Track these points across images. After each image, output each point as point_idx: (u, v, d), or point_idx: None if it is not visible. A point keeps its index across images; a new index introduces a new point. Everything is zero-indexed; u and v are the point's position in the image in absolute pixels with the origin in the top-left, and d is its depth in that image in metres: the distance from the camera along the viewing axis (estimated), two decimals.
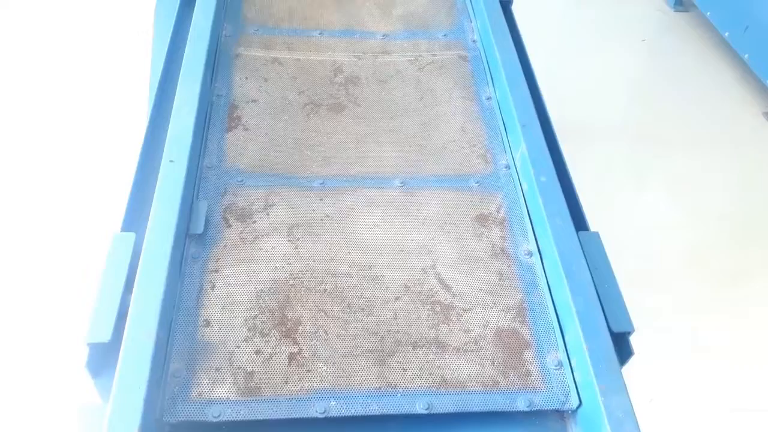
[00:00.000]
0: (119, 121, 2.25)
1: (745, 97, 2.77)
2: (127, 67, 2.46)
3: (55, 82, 2.49)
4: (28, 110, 2.36)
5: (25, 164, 2.16)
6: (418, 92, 1.29)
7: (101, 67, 2.55)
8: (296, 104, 1.24)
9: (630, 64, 3.00)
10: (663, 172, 2.40)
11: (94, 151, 2.19)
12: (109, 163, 2.10)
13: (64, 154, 2.19)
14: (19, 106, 2.38)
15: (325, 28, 1.41)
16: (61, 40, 2.70)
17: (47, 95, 2.43)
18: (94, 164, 2.14)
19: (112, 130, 2.24)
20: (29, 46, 2.66)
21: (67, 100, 2.41)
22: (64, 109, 2.37)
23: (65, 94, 2.43)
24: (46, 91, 2.44)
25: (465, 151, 1.18)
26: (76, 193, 2.06)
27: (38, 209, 2.02)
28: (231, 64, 1.28)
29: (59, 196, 2.05)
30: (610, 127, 2.57)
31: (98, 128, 2.27)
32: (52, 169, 2.14)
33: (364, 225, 1.03)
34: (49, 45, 2.66)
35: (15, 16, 2.81)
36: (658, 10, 3.32)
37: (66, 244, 1.91)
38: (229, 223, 1.01)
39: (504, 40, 1.30)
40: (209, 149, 1.11)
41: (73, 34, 2.73)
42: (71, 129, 2.28)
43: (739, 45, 2.80)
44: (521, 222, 1.05)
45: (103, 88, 2.45)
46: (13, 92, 2.43)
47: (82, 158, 2.17)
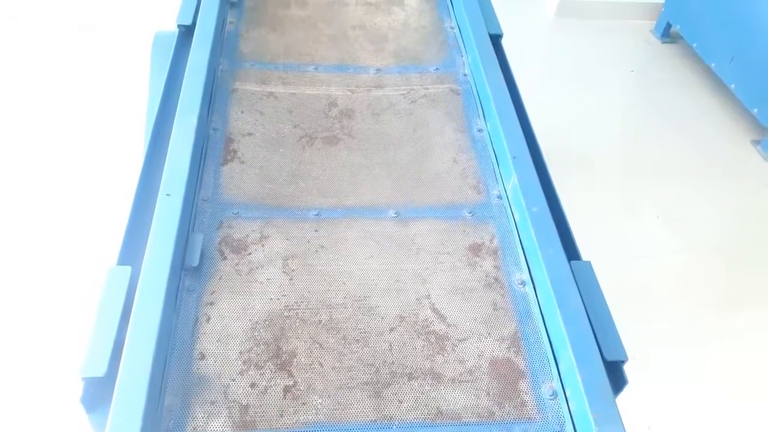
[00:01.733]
0: (115, 156, 2.27)
1: (732, 126, 2.82)
2: (124, 100, 2.49)
3: (53, 114, 2.51)
4: (25, 141, 2.38)
5: (20, 197, 2.17)
6: (411, 125, 1.32)
7: (99, 100, 2.58)
8: (291, 137, 1.26)
9: (619, 95, 3.05)
10: (653, 200, 2.42)
11: (90, 185, 2.20)
12: (105, 197, 2.11)
13: (60, 189, 2.20)
14: (16, 137, 2.39)
15: (319, 63, 1.44)
16: (59, 71, 2.73)
17: (45, 127, 2.45)
18: (91, 198, 2.14)
19: (109, 164, 2.26)
20: (25, 77, 2.70)
21: (64, 133, 2.43)
22: (61, 142, 2.39)
23: (62, 128, 2.46)
24: (43, 123, 2.46)
25: (458, 181, 1.20)
26: (72, 227, 2.06)
27: (34, 243, 2.02)
28: (227, 99, 1.31)
29: (55, 230, 2.06)
30: (601, 156, 2.60)
31: (95, 163, 2.29)
32: (49, 202, 2.15)
33: (359, 255, 1.04)
34: (46, 77, 2.70)
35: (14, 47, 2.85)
36: (645, 41, 3.41)
37: (61, 278, 1.90)
38: (225, 255, 1.01)
39: (494, 74, 1.33)
40: (205, 182, 1.12)
41: (72, 65, 2.77)
42: (68, 163, 2.29)
43: (725, 75, 2.86)
44: (514, 252, 1.06)
45: (100, 122, 2.47)
46: (11, 124, 2.46)
47: (79, 193, 2.18)
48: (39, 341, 1.75)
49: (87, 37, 2.97)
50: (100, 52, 2.87)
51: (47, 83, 2.67)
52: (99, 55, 2.85)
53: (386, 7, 1.64)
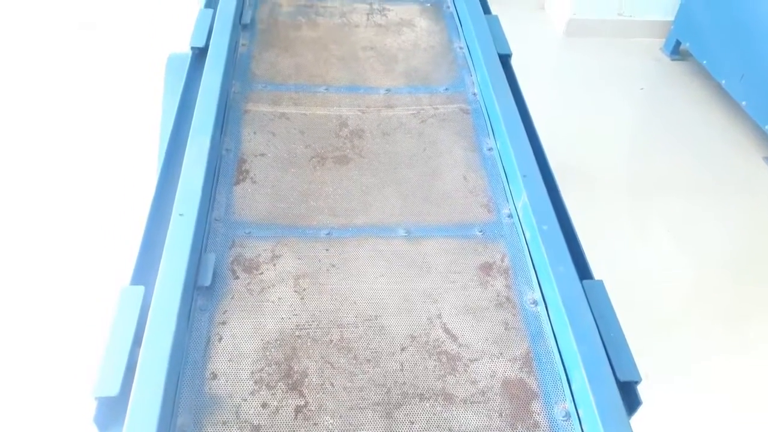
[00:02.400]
0: (128, 178, 2.30)
1: (744, 143, 2.81)
2: (138, 123, 2.53)
3: (66, 135, 2.55)
4: (38, 162, 2.42)
5: (33, 217, 2.19)
6: (421, 144, 1.32)
7: (112, 123, 2.62)
8: (303, 157, 1.27)
9: (629, 112, 3.05)
10: (664, 217, 2.41)
11: (104, 207, 2.22)
12: (119, 217, 2.14)
13: (74, 210, 2.22)
14: (28, 157, 2.43)
15: (330, 84, 1.46)
16: (72, 93, 2.78)
17: (58, 148, 2.49)
18: (105, 219, 2.17)
19: (122, 186, 2.28)
20: (38, 97, 2.74)
21: (78, 154, 2.46)
22: (74, 164, 2.42)
23: (76, 149, 2.49)
24: (56, 144, 2.50)
25: (468, 200, 1.20)
26: (85, 246, 2.08)
27: (47, 262, 2.04)
28: (240, 120, 1.33)
29: (68, 249, 2.08)
30: (611, 174, 2.60)
31: (108, 185, 2.31)
32: (62, 223, 2.17)
33: (370, 274, 1.05)
34: (60, 100, 2.75)
35: (20, 67, 2.91)
36: (655, 59, 3.41)
37: (75, 297, 1.92)
38: (237, 274, 1.02)
39: (503, 93, 1.34)
40: (218, 202, 1.13)
41: (84, 87, 2.82)
42: (81, 185, 2.32)
43: (736, 92, 2.86)
44: (525, 271, 1.06)
45: (114, 145, 2.51)
46: (24, 142, 2.50)
47: (93, 214, 2.20)
48: (52, 360, 1.76)
49: (90, 39, 3.02)
50: (113, 71, 2.92)
51: (61, 106, 2.72)
52: (115, 71, 2.90)
53: (396, 29, 1.66)
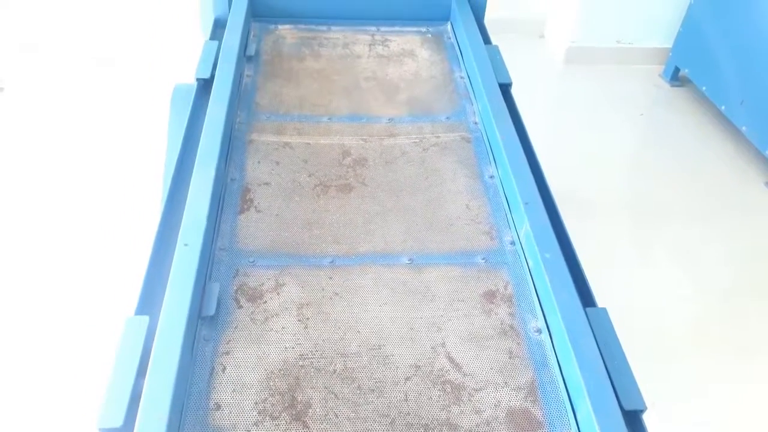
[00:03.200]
0: (133, 208, 2.31)
1: (744, 168, 2.82)
2: (143, 152, 2.56)
3: (72, 165, 2.58)
4: (44, 191, 2.44)
5: (38, 245, 2.20)
6: (423, 172, 1.34)
7: (118, 152, 2.65)
8: (306, 186, 1.28)
9: (630, 138, 3.07)
10: (667, 244, 2.41)
11: (109, 236, 2.23)
12: (124, 247, 2.15)
13: (79, 239, 2.23)
14: (34, 185, 2.45)
15: (333, 113, 1.48)
16: (78, 124, 2.82)
17: (63, 178, 2.51)
18: (110, 249, 2.18)
19: (127, 216, 2.30)
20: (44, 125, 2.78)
21: (83, 185, 2.49)
22: (80, 194, 2.44)
23: (81, 179, 2.51)
24: (62, 174, 2.53)
25: (470, 227, 1.21)
26: (91, 276, 2.09)
27: (52, 293, 2.04)
28: (244, 150, 1.34)
29: (73, 279, 2.08)
30: (613, 200, 2.60)
31: (113, 215, 2.33)
32: (67, 251, 2.18)
33: (373, 303, 1.05)
34: (64, 127, 2.78)
35: (23, 97, 2.95)
36: (654, 85, 3.45)
37: (79, 327, 1.92)
38: (240, 303, 1.02)
39: (504, 122, 1.36)
40: (222, 231, 1.14)
41: (88, 118, 2.86)
42: (87, 214, 2.33)
43: (735, 118, 2.88)
44: (529, 298, 1.06)
45: (118, 175, 2.53)
46: (31, 169, 2.52)
47: (98, 243, 2.21)
48: (57, 391, 1.75)
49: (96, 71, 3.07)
50: (120, 101, 2.96)
51: (67, 135, 2.76)
52: (121, 102, 2.95)
53: (398, 59, 1.69)
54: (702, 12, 3.16)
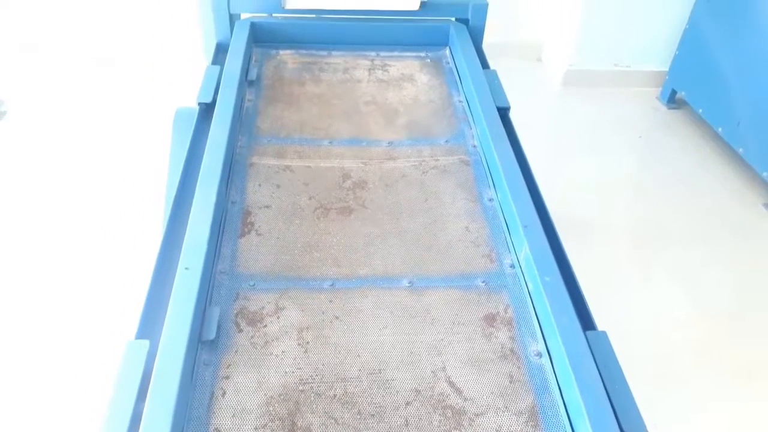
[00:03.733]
0: (133, 232, 2.32)
1: (743, 190, 2.83)
2: (144, 176, 2.57)
3: (71, 190, 2.59)
4: (41, 215, 2.45)
5: (38, 266, 2.21)
6: (422, 195, 1.35)
7: (119, 177, 2.67)
8: (307, 208, 1.29)
9: (628, 160, 3.09)
10: (667, 267, 2.41)
11: (109, 260, 2.24)
12: (125, 270, 2.15)
13: (79, 261, 2.23)
14: (33, 206, 2.46)
15: (334, 137, 1.50)
16: (78, 148, 2.84)
17: (62, 201, 2.52)
18: (110, 272, 2.18)
19: (127, 240, 2.30)
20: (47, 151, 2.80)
21: (83, 208, 2.49)
22: (80, 215, 2.45)
23: (81, 203, 2.52)
24: (61, 197, 2.54)
25: (470, 250, 1.21)
26: (92, 300, 2.09)
27: (52, 315, 2.04)
28: (245, 173, 1.35)
29: (74, 302, 2.08)
30: (612, 223, 2.61)
31: (113, 239, 2.33)
32: (67, 274, 2.18)
33: (374, 326, 1.05)
34: (65, 150, 2.80)
35: (24, 122, 2.98)
36: (652, 107, 3.48)
37: (80, 351, 1.91)
38: (240, 327, 1.02)
39: (503, 145, 1.37)
40: (223, 255, 1.15)
41: (91, 138, 2.88)
42: (87, 237, 2.34)
43: (733, 139, 2.90)
44: (529, 322, 1.06)
45: (119, 198, 2.54)
46: (30, 192, 2.53)
47: (98, 266, 2.21)
48: (56, 415, 1.74)
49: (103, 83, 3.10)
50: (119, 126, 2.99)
51: (66, 158, 2.77)
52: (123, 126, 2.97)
53: (397, 83, 1.71)
54: (698, 35, 3.20)
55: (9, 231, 2.35)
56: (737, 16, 2.89)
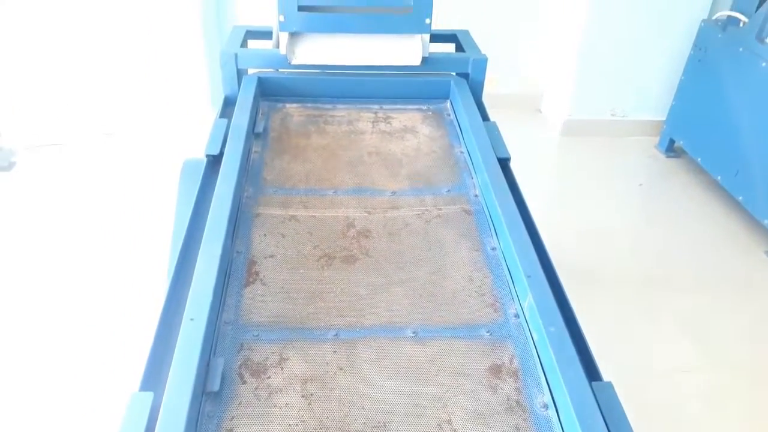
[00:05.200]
0: (139, 282, 2.32)
1: (744, 237, 2.84)
2: (151, 226, 2.60)
3: (79, 238, 2.61)
4: (48, 265, 2.46)
5: (42, 319, 2.20)
6: (426, 244, 1.36)
7: (126, 225, 2.69)
8: (311, 258, 1.30)
9: (629, 209, 3.12)
10: (671, 316, 2.39)
11: (115, 311, 2.23)
12: (130, 322, 2.14)
13: (84, 312, 2.23)
14: (39, 257, 2.48)
15: (338, 187, 1.52)
16: (85, 197, 2.87)
17: (70, 251, 2.54)
18: (115, 324, 2.17)
19: (133, 291, 2.30)
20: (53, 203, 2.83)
21: (90, 257, 2.51)
22: (86, 266, 2.46)
23: (88, 251, 2.54)
24: (68, 247, 2.55)
25: (474, 300, 1.21)
26: (97, 351, 2.07)
27: (57, 367, 2.02)
28: (251, 223, 1.37)
29: (79, 354, 2.07)
30: (615, 272, 2.61)
31: (119, 289, 2.34)
32: (71, 326, 2.18)
33: (378, 377, 1.04)
34: (72, 200, 2.83)
35: (25, 179, 3.02)
36: (651, 156, 3.53)
37: (85, 403, 1.89)
38: (244, 379, 1.02)
39: (504, 195, 1.39)
40: (227, 305, 1.15)
41: (99, 191, 2.92)
42: (93, 288, 2.34)
43: (732, 188, 2.93)
44: (534, 373, 1.05)
45: (126, 248, 2.56)
46: (35, 242, 2.55)
47: (104, 317, 2.21)
48: None
49: (109, 146, 3.15)
50: (130, 175, 3.03)
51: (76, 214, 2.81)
52: (131, 175, 3.02)
53: (400, 135, 1.75)
54: (692, 86, 3.28)
55: (15, 282, 2.36)
56: (729, 67, 2.97)
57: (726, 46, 2.99)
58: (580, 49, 3.48)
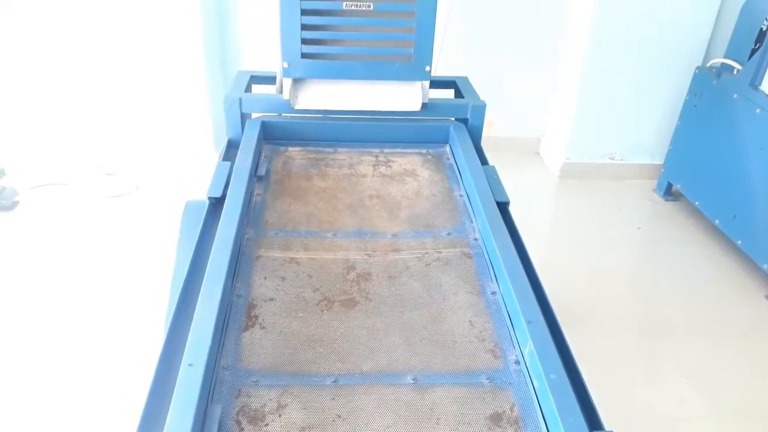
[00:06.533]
0: (136, 327, 2.31)
1: (744, 281, 2.84)
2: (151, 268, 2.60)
3: (77, 283, 2.61)
4: (48, 308, 2.45)
5: (41, 364, 2.18)
6: (425, 287, 1.36)
7: (124, 268, 2.69)
8: (311, 301, 1.30)
9: (629, 253, 3.12)
10: (672, 362, 2.37)
11: (112, 355, 2.21)
12: (127, 367, 2.12)
13: (81, 361, 2.20)
14: (39, 299, 2.46)
15: (339, 229, 1.53)
16: (86, 238, 2.88)
17: (68, 293, 2.53)
18: (112, 368, 2.15)
19: (131, 335, 2.28)
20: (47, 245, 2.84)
21: (88, 303, 2.50)
22: (83, 311, 2.45)
23: (86, 295, 2.53)
24: (67, 289, 2.55)
25: (475, 345, 1.21)
26: (94, 397, 2.05)
27: (54, 413, 1.99)
28: (251, 266, 1.38)
29: (76, 400, 2.04)
30: (616, 316, 2.60)
31: (117, 333, 2.32)
32: (68, 370, 2.15)
33: (377, 426, 1.03)
34: (73, 241, 2.84)
35: (24, 219, 3.04)
36: (649, 199, 3.55)
37: None
38: (242, 426, 1.00)
39: (503, 240, 1.40)
40: (226, 350, 1.14)
41: (99, 230, 2.93)
42: (89, 336, 2.32)
43: (730, 232, 2.94)
44: (535, 421, 1.04)
45: (126, 289, 2.55)
46: (35, 282, 2.54)
47: (101, 362, 2.19)
48: None
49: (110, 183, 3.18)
50: (131, 216, 3.05)
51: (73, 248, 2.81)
52: (132, 217, 3.03)
53: (400, 178, 1.77)
54: (689, 131, 3.33)
55: (15, 320, 2.34)
56: (724, 113, 3.03)
57: (720, 92, 3.05)
58: (577, 93, 3.55)
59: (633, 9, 3.30)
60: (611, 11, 3.31)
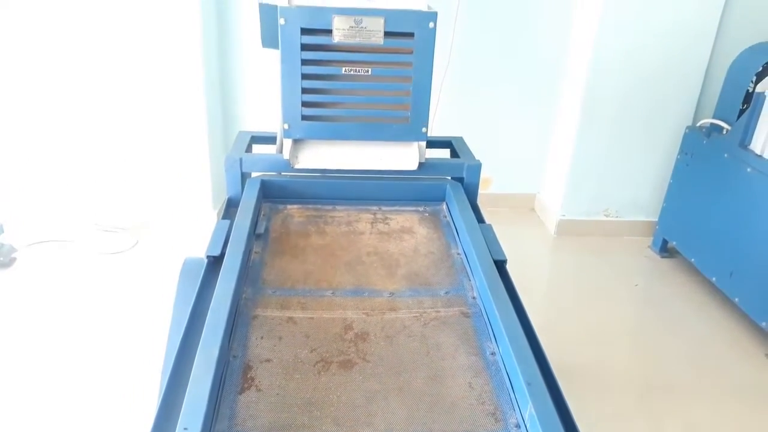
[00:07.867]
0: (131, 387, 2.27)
1: (743, 339, 2.81)
2: (148, 325, 2.57)
3: (71, 342, 2.57)
4: (43, 369, 2.40)
5: (35, 426, 2.12)
6: (424, 347, 1.35)
7: (123, 323, 2.67)
8: (308, 362, 1.28)
9: (626, 310, 3.10)
10: (674, 422, 2.32)
11: (109, 420, 2.16)
12: None
13: (77, 423, 2.15)
14: (34, 365, 2.42)
15: (336, 288, 1.53)
16: (82, 297, 2.86)
17: (62, 353, 2.49)
18: None
19: (125, 397, 2.24)
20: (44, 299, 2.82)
21: (82, 363, 2.46)
22: (77, 372, 2.41)
23: (80, 356, 2.49)
24: (61, 347, 2.51)
25: (474, 408, 1.19)
26: None
27: None
28: (248, 325, 1.37)
29: None
30: (615, 377, 2.56)
31: (111, 394, 2.28)
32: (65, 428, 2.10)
33: None
34: (69, 297, 2.82)
35: (21, 275, 3.02)
36: (645, 256, 3.57)
37: None
38: None
39: (501, 299, 1.40)
40: (221, 413, 1.12)
41: (96, 289, 2.91)
42: (82, 399, 2.27)
43: (727, 289, 2.94)
44: None
45: (123, 346, 2.52)
46: (33, 353, 2.50)
47: (97, 429, 2.14)
48: None
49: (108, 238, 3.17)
50: (129, 273, 3.04)
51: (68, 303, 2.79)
52: (129, 274, 3.02)
53: (398, 236, 1.79)
54: (682, 188, 3.39)
55: (13, 378, 2.30)
56: (715, 172, 3.08)
57: (711, 151, 3.12)
58: (572, 150, 3.62)
59: (625, 68, 3.41)
60: (604, 71, 3.42)
